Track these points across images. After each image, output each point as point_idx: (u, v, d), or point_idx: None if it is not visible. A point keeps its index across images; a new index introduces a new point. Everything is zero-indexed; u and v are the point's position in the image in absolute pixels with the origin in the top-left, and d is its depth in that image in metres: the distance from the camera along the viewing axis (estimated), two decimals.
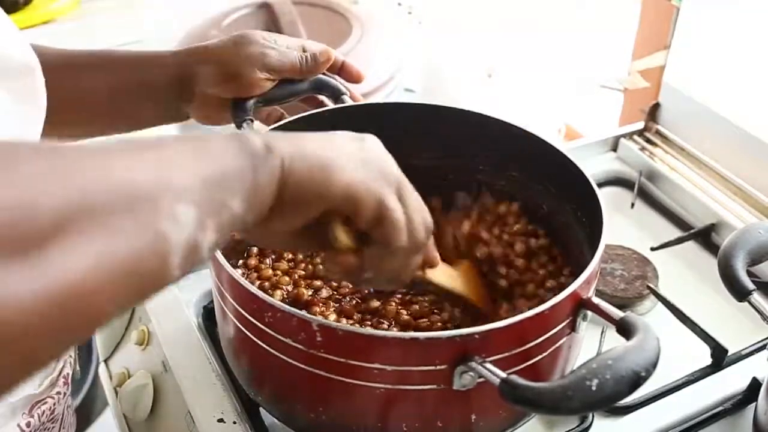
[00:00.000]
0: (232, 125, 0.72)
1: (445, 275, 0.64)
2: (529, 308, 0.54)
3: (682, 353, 0.73)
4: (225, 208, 0.38)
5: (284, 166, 0.42)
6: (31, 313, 0.28)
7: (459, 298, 0.68)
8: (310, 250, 0.72)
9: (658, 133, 1.11)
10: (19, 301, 0.27)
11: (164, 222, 0.34)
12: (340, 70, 0.77)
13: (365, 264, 0.49)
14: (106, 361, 0.88)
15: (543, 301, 0.55)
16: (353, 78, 0.77)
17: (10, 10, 1.38)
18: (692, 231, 0.96)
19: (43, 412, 0.64)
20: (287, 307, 0.54)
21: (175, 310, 0.81)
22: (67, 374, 0.68)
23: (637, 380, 0.46)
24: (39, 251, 0.28)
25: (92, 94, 0.72)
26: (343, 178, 0.44)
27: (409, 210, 0.48)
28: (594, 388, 0.45)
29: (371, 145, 0.48)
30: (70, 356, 0.69)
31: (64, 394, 0.67)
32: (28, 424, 0.62)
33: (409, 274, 0.52)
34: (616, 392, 0.46)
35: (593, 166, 1.06)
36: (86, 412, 1.47)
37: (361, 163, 0.46)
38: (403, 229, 0.47)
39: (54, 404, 0.65)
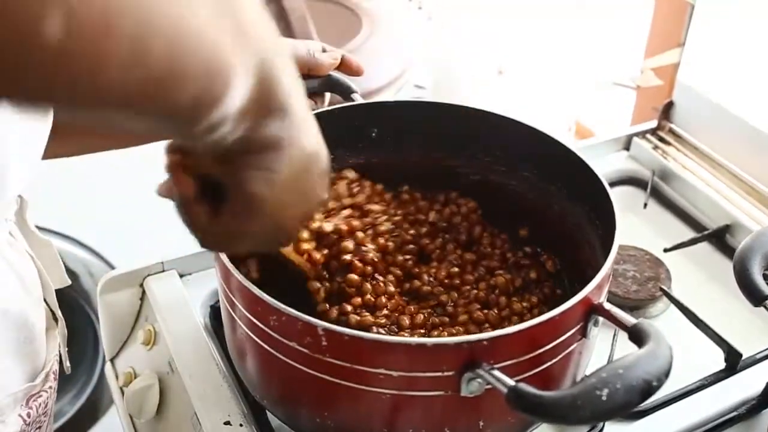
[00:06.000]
0: None
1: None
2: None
3: (696, 357, 0.72)
4: None
5: None
6: None
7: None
8: None
9: (671, 132, 1.09)
10: None
11: None
12: (341, 64, 0.77)
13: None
14: (112, 360, 0.88)
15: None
16: (353, 71, 0.77)
17: None
18: (706, 232, 0.95)
19: (39, 405, 0.66)
20: (292, 311, 0.53)
21: (182, 310, 0.80)
22: (56, 371, 0.69)
23: (648, 390, 0.45)
24: None
25: None
26: None
27: None
28: (604, 398, 0.44)
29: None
30: (57, 354, 0.70)
31: (54, 389, 0.69)
32: (28, 415, 0.64)
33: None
34: (626, 402, 0.45)
35: (605, 165, 1.04)
36: (92, 411, 1.47)
37: None
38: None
39: (47, 398, 0.67)
